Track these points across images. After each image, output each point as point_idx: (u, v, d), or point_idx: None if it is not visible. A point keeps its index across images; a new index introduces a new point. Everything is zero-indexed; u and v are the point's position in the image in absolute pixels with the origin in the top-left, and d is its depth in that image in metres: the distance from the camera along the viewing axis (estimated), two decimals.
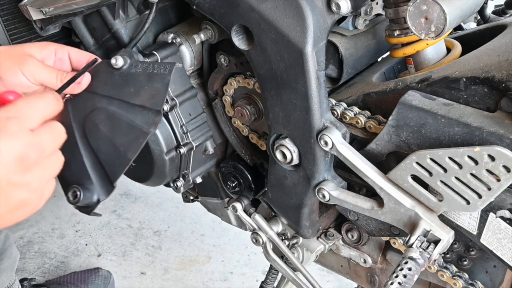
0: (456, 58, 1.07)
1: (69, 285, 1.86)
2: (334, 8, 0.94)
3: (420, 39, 1.04)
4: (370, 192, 1.08)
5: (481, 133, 0.89)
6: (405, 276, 0.95)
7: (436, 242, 0.98)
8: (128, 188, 2.42)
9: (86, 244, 2.18)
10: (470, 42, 1.13)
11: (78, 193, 0.93)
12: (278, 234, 1.24)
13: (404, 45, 1.09)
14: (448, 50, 1.12)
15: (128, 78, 0.94)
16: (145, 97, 0.92)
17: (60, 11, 1.13)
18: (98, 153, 0.94)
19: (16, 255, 1.61)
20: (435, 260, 1.10)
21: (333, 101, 1.09)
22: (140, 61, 0.96)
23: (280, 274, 1.37)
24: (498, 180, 0.87)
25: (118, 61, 0.94)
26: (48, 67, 0.90)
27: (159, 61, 1.15)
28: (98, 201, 0.94)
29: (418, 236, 0.99)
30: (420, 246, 0.98)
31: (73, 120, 0.94)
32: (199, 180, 1.32)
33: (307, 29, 0.95)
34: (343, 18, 1.13)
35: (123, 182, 1.51)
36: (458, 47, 1.11)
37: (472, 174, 0.89)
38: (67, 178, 0.94)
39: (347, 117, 1.06)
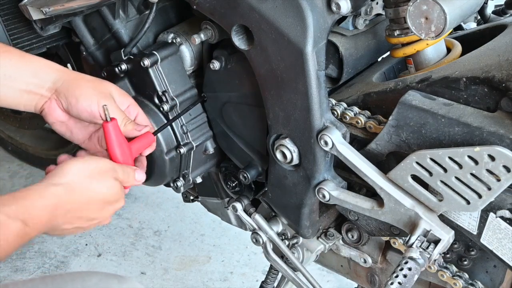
0: (456, 58, 1.07)
1: None
2: (334, 8, 0.94)
3: (420, 39, 1.04)
4: (370, 192, 1.08)
5: (481, 133, 0.89)
6: (405, 276, 0.95)
7: (436, 242, 0.98)
8: None
9: (86, 244, 2.17)
10: (470, 42, 1.13)
11: (246, 174, 1.19)
12: (278, 234, 1.24)
13: (404, 45, 1.09)
14: (448, 50, 1.12)
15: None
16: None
17: (60, 11, 1.13)
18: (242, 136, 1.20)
19: None
20: (435, 260, 1.10)
21: (333, 101, 1.09)
22: None
23: (280, 274, 1.37)
24: (498, 180, 0.87)
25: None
26: (120, 110, 1.01)
27: (159, 61, 1.15)
28: (263, 170, 1.20)
29: (418, 236, 0.99)
30: (420, 246, 0.98)
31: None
32: (199, 180, 1.32)
33: (307, 29, 0.95)
34: (343, 18, 1.13)
35: None
36: (458, 47, 1.11)
37: (472, 174, 0.89)
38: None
39: (347, 117, 1.06)
